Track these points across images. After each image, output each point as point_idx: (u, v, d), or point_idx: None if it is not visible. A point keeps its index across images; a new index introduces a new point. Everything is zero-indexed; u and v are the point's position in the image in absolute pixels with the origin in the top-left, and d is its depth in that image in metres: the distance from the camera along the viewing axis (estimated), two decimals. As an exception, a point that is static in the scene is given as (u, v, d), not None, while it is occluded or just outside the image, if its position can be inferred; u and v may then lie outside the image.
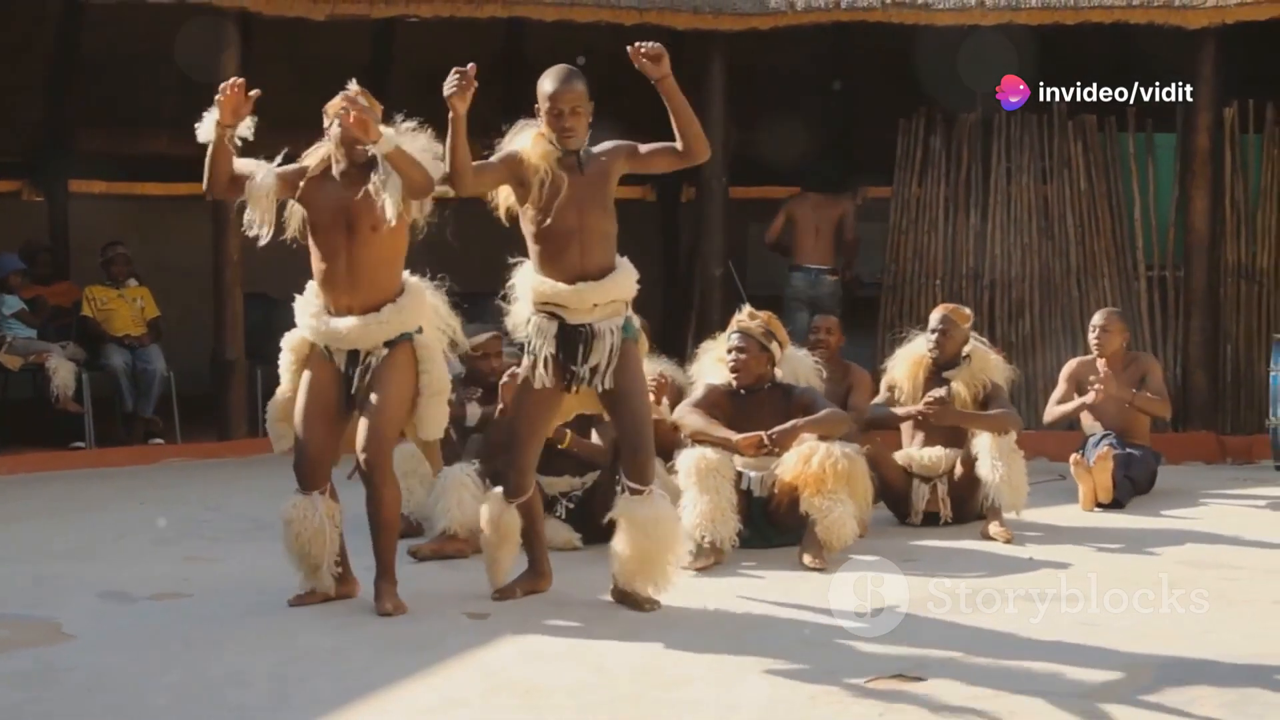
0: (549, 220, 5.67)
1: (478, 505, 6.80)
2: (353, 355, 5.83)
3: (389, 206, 5.65)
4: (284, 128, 5.63)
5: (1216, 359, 11.32)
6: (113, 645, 5.35)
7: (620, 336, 5.75)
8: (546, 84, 5.66)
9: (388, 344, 5.82)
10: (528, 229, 5.77)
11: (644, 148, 5.79)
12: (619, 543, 5.76)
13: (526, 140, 5.70)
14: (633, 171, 5.90)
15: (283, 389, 6.02)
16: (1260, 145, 11.34)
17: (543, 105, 5.65)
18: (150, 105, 13.51)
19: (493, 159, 5.72)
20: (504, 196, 5.87)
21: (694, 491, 6.78)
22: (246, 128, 5.65)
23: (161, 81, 13.35)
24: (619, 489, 5.86)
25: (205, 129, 5.61)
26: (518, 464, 5.94)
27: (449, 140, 5.52)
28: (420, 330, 5.93)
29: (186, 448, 10.81)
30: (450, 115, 5.47)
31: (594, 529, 6.66)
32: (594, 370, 5.73)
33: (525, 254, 5.86)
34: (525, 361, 5.86)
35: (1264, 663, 5.04)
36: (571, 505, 7.20)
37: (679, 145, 5.64)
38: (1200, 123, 11.15)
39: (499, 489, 6.01)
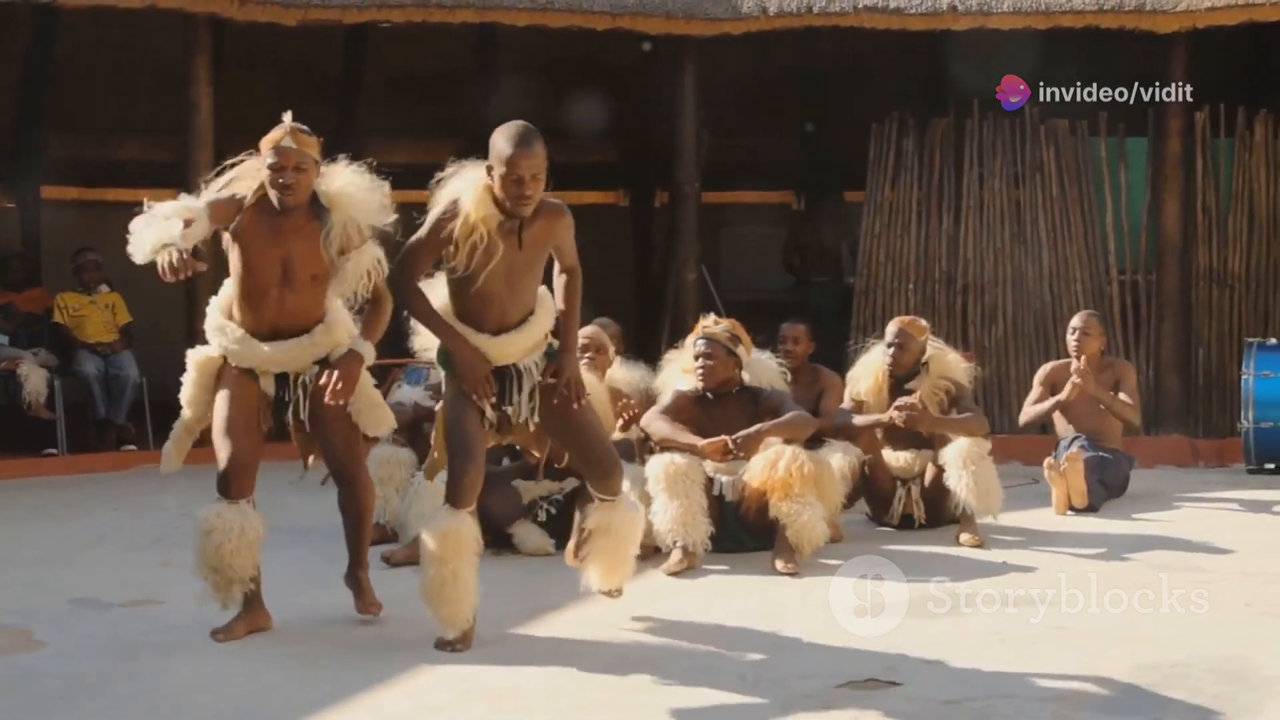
0: (475, 284, 5.21)
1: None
2: (280, 376, 5.58)
3: (332, 252, 5.44)
4: (256, 133, 5.56)
5: (1189, 363, 11.37)
6: (85, 652, 5.33)
7: (537, 374, 5.39)
8: (505, 146, 5.04)
9: (318, 363, 5.57)
10: (449, 278, 5.30)
11: (565, 246, 5.37)
12: (591, 549, 5.68)
13: (469, 197, 5.13)
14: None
15: (187, 416, 5.78)
16: (1231, 149, 11.39)
17: (498, 168, 5.04)
18: (122, 111, 13.48)
19: (423, 231, 5.22)
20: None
21: (664, 497, 6.76)
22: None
23: (133, 87, 13.34)
24: (591, 499, 5.69)
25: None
26: (477, 462, 5.32)
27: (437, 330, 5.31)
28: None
29: (159, 454, 10.69)
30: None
31: (570, 534, 6.63)
32: (524, 405, 5.38)
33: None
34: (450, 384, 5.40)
35: (1236, 666, 5.06)
36: (553, 510, 7.17)
37: (563, 278, 5.45)
38: (1171, 127, 11.22)
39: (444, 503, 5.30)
